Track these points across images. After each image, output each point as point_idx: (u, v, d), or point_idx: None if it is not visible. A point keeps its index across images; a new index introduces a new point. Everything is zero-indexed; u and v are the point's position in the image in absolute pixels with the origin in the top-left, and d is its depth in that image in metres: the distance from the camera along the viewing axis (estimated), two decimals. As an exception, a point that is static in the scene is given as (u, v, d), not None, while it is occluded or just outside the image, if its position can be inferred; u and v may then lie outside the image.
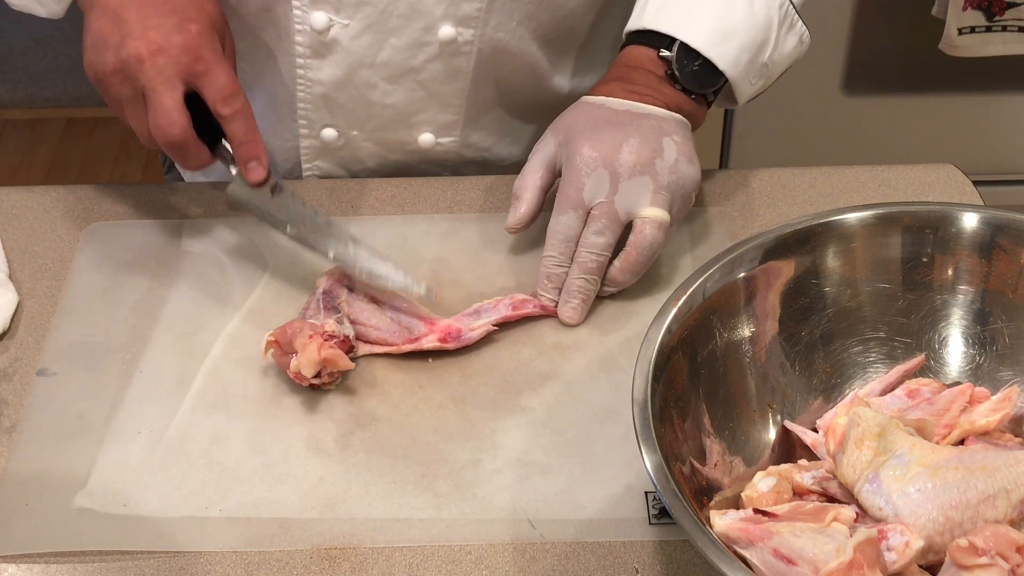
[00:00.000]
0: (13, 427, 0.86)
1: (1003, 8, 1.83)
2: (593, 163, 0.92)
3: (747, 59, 0.97)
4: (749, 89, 1.00)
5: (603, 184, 0.92)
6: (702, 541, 0.64)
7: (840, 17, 1.95)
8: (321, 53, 1.02)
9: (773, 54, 0.99)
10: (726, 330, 0.80)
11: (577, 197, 0.92)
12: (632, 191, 0.92)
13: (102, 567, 0.78)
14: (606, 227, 0.91)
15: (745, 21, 0.96)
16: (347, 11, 0.99)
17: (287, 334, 0.87)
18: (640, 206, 0.92)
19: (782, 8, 0.98)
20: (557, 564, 0.78)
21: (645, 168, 0.92)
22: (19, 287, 0.97)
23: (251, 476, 0.83)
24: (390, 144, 1.10)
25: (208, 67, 0.88)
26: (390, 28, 1.00)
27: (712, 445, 0.77)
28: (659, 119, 0.95)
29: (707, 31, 0.96)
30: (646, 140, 0.93)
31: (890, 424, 0.71)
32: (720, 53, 0.96)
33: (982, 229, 0.82)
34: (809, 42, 1.02)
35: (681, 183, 0.93)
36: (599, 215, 0.92)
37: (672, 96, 0.97)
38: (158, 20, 0.88)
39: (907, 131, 2.07)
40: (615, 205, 0.92)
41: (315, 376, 0.86)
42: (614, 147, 0.92)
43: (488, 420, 0.87)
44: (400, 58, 1.02)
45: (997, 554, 0.64)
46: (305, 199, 0.94)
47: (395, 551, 0.78)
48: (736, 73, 0.97)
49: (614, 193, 0.91)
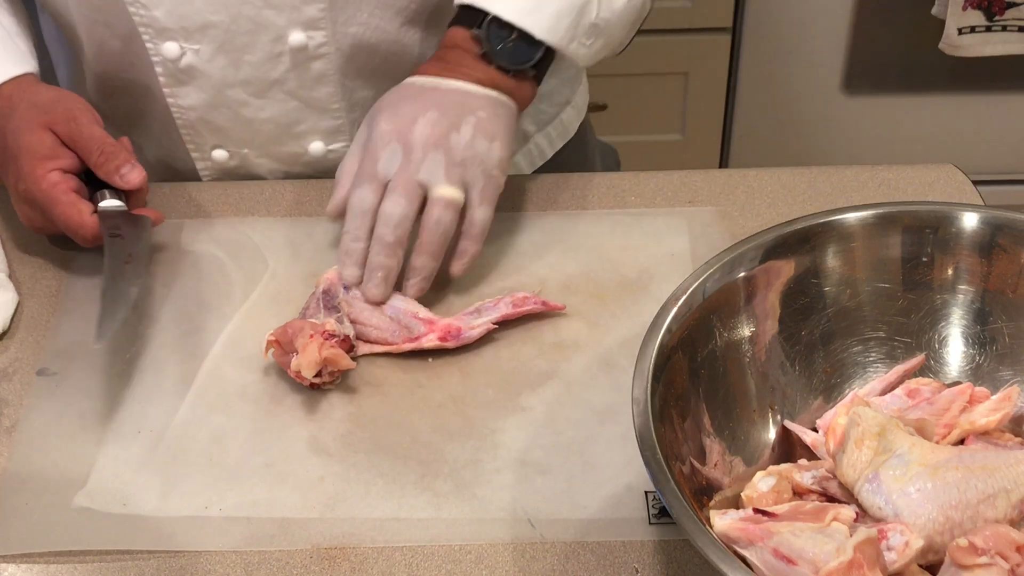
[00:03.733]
0: (13, 427, 0.86)
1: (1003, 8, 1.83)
2: (388, 136, 0.91)
3: (568, 23, 0.95)
4: (584, 51, 0.98)
5: (396, 157, 0.90)
6: (702, 541, 0.64)
7: (840, 17, 1.95)
8: (183, 80, 1.03)
9: (601, 12, 0.96)
10: (726, 330, 0.80)
11: (371, 170, 0.91)
12: (426, 166, 0.90)
13: (102, 567, 0.78)
14: (400, 198, 0.90)
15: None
16: (194, 36, 1.00)
17: (288, 334, 0.87)
18: (434, 183, 0.90)
19: None
20: (557, 564, 0.78)
21: (439, 142, 0.90)
22: (19, 287, 0.97)
23: (251, 476, 0.83)
24: (283, 157, 1.10)
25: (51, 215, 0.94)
26: (240, 46, 1.01)
27: (712, 445, 0.77)
28: (464, 94, 0.93)
29: (518, 2, 0.94)
30: (444, 115, 0.91)
31: (890, 424, 0.71)
32: (534, 21, 0.94)
33: (982, 229, 0.82)
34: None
35: (479, 160, 0.91)
36: (395, 186, 0.90)
37: (487, 74, 0.95)
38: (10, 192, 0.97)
39: (907, 131, 2.07)
40: (409, 176, 0.90)
41: (316, 376, 0.86)
42: (409, 120, 0.91)
43: (488, 420, 0.87)
44: (260, 73, 1.03)
45: (997, 554, 0.64)
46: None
47: (395, 551, 0.78)
48: (557, 39, 0.95)
49: (408, 165, 0.90)
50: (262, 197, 1.05)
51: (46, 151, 0.94)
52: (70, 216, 0.93)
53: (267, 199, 1.05)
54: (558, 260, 0.99)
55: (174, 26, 0.99)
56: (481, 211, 0.92)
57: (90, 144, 0.95)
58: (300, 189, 1.06)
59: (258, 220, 1.03)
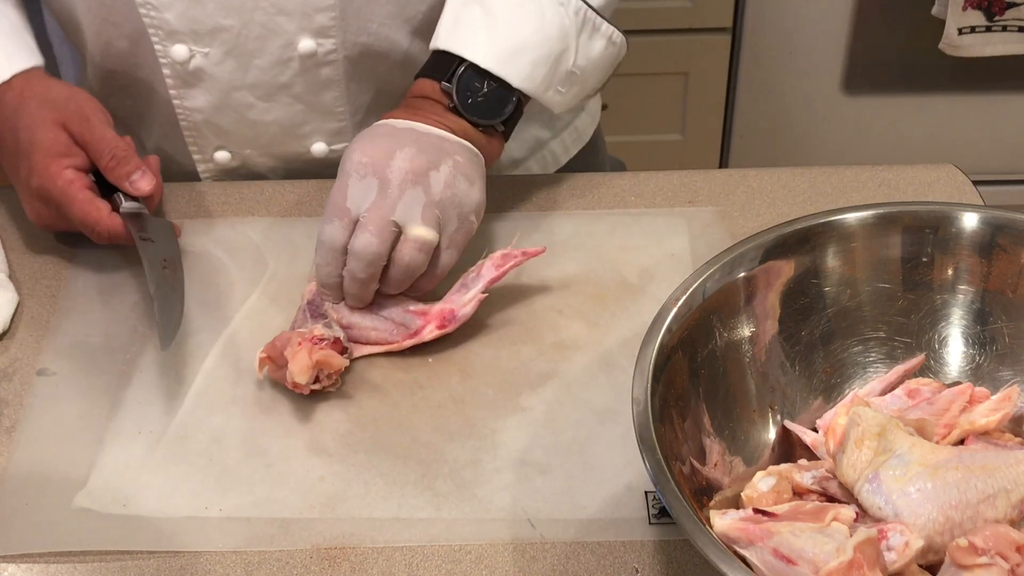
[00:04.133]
0: (13, 427, 0.86)
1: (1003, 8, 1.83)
2: (363, 168, 0.88)
3: (544, 72, 0.94)
4: (559, 98, 0.97)
5: (371, 191, 0.87)
6: (702, 541, 0.64)
7: (840, 17, 1.95)
8: (190, 83, 1.03)
9: (578, 60, 0.96)
10: (726, 330, 0.80)
11: (342, 204, 0.88)
12: (403, 203, 0.87)
13: (102, 567, 0.78)
14: (373, 237, 0.86)
15: (536, 34, 0.94)
16: (204, 40, 1.00)
17: (277, 347, 0.87)
18: (409, 220, 0.87)
19: (578, 15, 0.95)
20: (557, 564, 0.78)
21: (418, 179, 0.88)
22: (19, 287, 0.97)
23: (251, 476, 0.83)
24: (286, 157, 1.10)
25: (64, 211, 0.95)
26: (250, 51, 1.01)
27: (712, 445, 0.77)
28: (441, 138, 0.91)
29: (496, 49, 0.93)
30: (423, 151, 0.89)
31: (890, 424, 0.71)
32: (512, 70, 0.93)
33: (982, 229, 0.82)
34: (621, 40, 1.00)
35: (457, 201, 0.89)
36: (366, 223, 0.87)
37: (458, 124, 0.94)
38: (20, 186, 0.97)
39: (907, 131, 2.07)
40: (384, 214, 0.87)
41: (314, 381, 0.86)
42: (387, 153, 0.88)
43: (488, 420, 0.87)
44: (268, 77, 1.03)
45: (997, 554, 0.64)
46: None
47: (395, 551, 0.78)
48: (533, 87, 0.95)
49: (384, 201, 0.87)
50: (262, 197, 1.05)
51: (61, 148, 0.94)
52: (88, 213, 0.93)
53: (267, 199, 1.05)
54: (558, 260, 0.99)
55: (184, 29, 1.00)
56: (447, 255, 0.90)
57: (101, 147, 0.95)
58: (300, 189, 1.06)
59: (258, 220, 1.03)
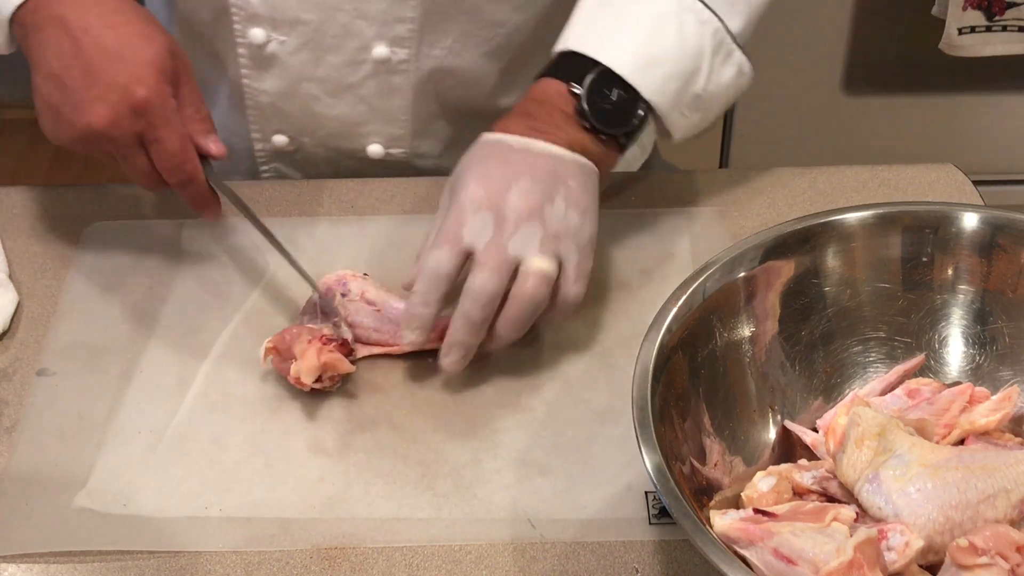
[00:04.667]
0: (13, 427, 0.86)
1: (1003, 8, 1.83)
2: (479, 202, 0.85)
3: (675, 88, 0.91)
4: (683, 121, 0.93)
5: (487, 227, 0.84)
6: (702, 541, 0.64)
7: (840, 17, 1.95)
8: (263, 66, 1.04)
9: (708, 85, 0.93)
10: (726, 330, 0.80)
11: (456, 234, 0.85)
12: (519, 238, 0.84)
13: (102, 567, 0.78)
14: (493, 273, 0.83)
15: (675, 48, 0.90)
16: (283, 28, 1.01)
17: (285, 340, 0.87)
18: (527, 255, 0.84)
19: (715, 36, 0.92)
20: (557, 564, 0.77)
21: (533, 214, 0.84)
22: (19, 287, 0.97)
23: (251, 476, 0.83)
24: (341, 151, 1.11)
25: (157, 134, 0.87)
26: (326, 46, 1.02)
27: (712, 445, 0.77)
28: (556, 160, 0.87)
29: (632, 55, 0.90)
30: (537, 182, 0.85)
31: (890, 424, 0.71)
32: (646, 80, 0.90)
33: (982, 229, 0.82)
34: (751, 74, 0.97)
35: (572, 233, 0.86)
36: (485, 260, 0.84)
37: (577, 136, 0.89)
38: (100, 87, 0.85)
39: (907, 131, 2.07)
40: (501, 249, 0.84)
41: (316, 381, 0.86)
42: (503, 187, 0.85)
43: (488, 420, 0.87)
44: (338, 74, 1.04)
45: (997, 554, 0.64)
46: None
47: (395, 551, 0.78)
48: (663, 102, 0.91)
49: (500, 236, 0.84)
50: (262, 197, 1.05)
51: (169, 73, 0.88)
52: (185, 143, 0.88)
53: (267, 199, 1.05)
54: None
55: (265, 14, 1.01)
56: (576, 287, 0.87)
57: (191, 94, 0.90)
58: (301, 189, 1.07)
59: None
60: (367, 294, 0.92)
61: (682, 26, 0.91)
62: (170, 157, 0.88)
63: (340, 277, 0.93)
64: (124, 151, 0.88)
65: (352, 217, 1.03)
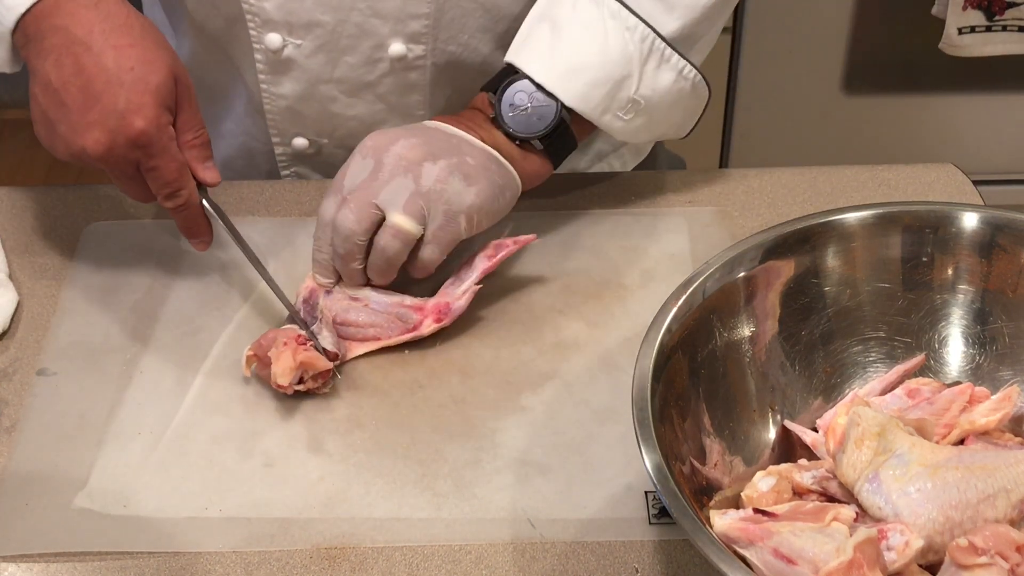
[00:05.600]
0: (13, 427, 0.86)
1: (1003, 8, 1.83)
2: (365, 150, 0.90)
3: (602, 94, 0.94)
4: (620, 124, 0.96)
5: (364, 171, 0.89)
6: (702, 541, 0.64)
7: (840, 17, 1.95)
8: (279, 70, 1.04)
9: (641, 89, 0.95)
10: (726, 330, 0.80)
11: (339, 182, 0.90)
12: (389, 189, 0.88)
13: (102, 567, 0.78)
14: (350, 214, 0.88)
15: (597, 56, 0.93)
16: (299, 32, 1.02)
17: (263, 346, 0.87)
18: (391, 207, 0.88)
19: (644, 42, 0.94)
20: (557, 564, 0.78)
21: (410, 167, 0.88)
22: (19, 287, 0.97)
23: (251, 476, 0.83)
24: None
25: (153, 163, 0.87)
26: (342, 47, 1.02)
27: (712, 445, 0.77)
28: (462, 140, 0.92)
29: (554, 65, 0.94)
30: (427, 143, 0.90)
31: (890, 424, 0.71)
32: (565, 87, 0.94)
33: (982, 229, 0.82)
34: (696, 78, 0.99)
35: (446, 198, 0.89)
36: (349, 199, 0.89)
37: (493, 136, 0.95)
38: (98, 112, 0.84)
39: (907, 131, 2.07)
40: (367, 195, 0.88)
41: (299, 383, 0.86)
42: (391, 139, 0.90)
43: (488, 420, 0.87)
44: (355, 75, 1.04)
45: (997, 554, 0.64)
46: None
47: (395, 551, 0.78)
48: (588, 107, 0.94)
49: (372, 183, 0.88)
50: (262, 197, 1.05)
51: (169, 100, 0.87)
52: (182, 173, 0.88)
53: (267, 199, 1.05)
54: (558, 260, 0.99)
55: (280, 19, 1.01)
56: (428, 249, 0.90)
57: (191, 119, 0.89)
58: (300, 189, 1.07)
59: (258, 220, 1.03)
60: (350, 291, 0.92)
61: (606, 33, 0.94)
62: (166, 185, 0.88)
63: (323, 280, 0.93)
64: (118, 175, 0.88)
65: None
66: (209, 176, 0.91)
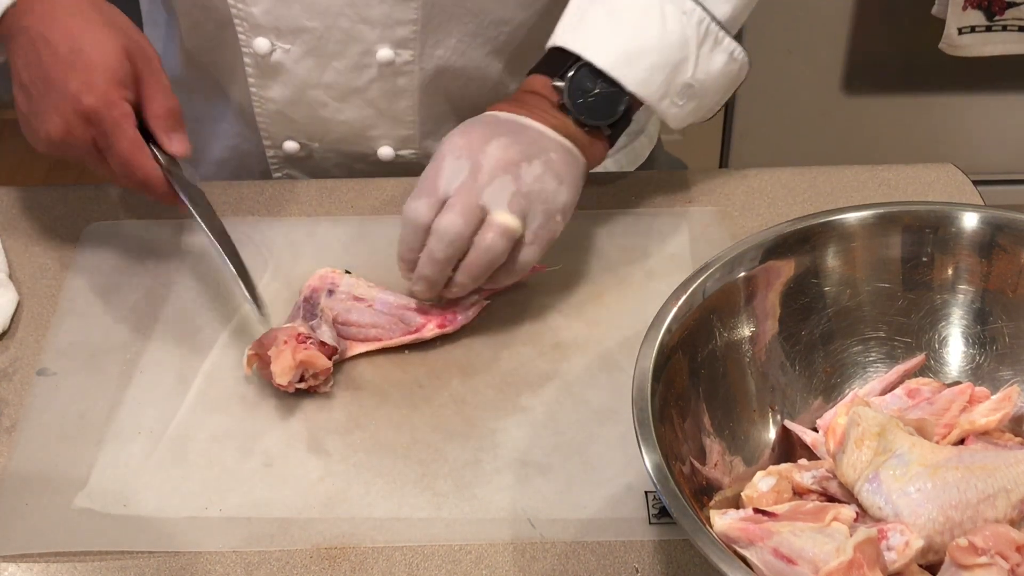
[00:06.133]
0: (13, 427, 0.86)
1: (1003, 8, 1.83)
2: (458, 150, 0.88)
3: (661, 78, 0.93)
4: (675, 110, 0.96)
5: (461, 173, 0.87)
6: (702, 541, 0.64)
7: (840, 17, 1.95)
8: (268, 75, 1.05)
9: (697, 73, 0.94)
10: (726, 330, 0.80)
11: (433, 183, 0.87)
12: (492, 188, 0.86)
13: (102, 567, 0.78)
14: (458, 216, 0.85)
15: (658, 39, 0.92)
16: (287, 37, 1.02)
17: (264, 344, 0.87)
18: (495, 206, 0.86)
19: (701, 25, 0.94)
20: (557, 564, 0.78)
21: (509, 167, 0.87)
22: (19, 287, 0.97)
23: (251, 476, 0.83)
24: (352, 155, 1.11)
25: (107, 141, 0.87)
26: (330, 52, 1.03)
27: (712, 445, 0.77)
28: (540, 133, 0.91)
29: (614, 49, 0.92)
30: (518, 142, 0.88)
31: (890, 424, 0.71)
32: (628, 73, 0.92)
33: (982, 229, 0.82)
34: (744, 59, 0.98)
35: (544, 196, 0.88)
36: (454, 203, 0.86)
37: (563, 122, 0.92)
38: (54, 98, 0.87)
39: (907, 131, 2.07)
40: (472, 196, 0.86)
41: (299, 381, 0.86)
42: (484, 139, 0.88)
43: (488, 420, 0.87)
44: (344, 80, 1.05)
45: (997, 554, 0.64)
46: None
47: (395, 551, 0.78)
48: (649, 93, 0.93)
49: (474, 184, 0.86)
50: (262, 197, 1.05)
51: (123, 77, 0.88)
52: (134, 154, 0.88)
53: (267, 199, 1.05)
54: (559, 260, 0.99)
55: (268, 25, 1.01)
56: (529, 251, 0.89)
57: (156, 92, 0.90)
58: (300, 189, 1.07)
59: (258, 220, 1.03)
60: (355, 291, 0.92)
61: (664, 17, 0.93)
62: (121, 164, 0.88)
63: (324, 276, 0.93)
64: (85, 157, 0.90)
65: (352, 217, 1.03)
66: (176, 147, 0.90)
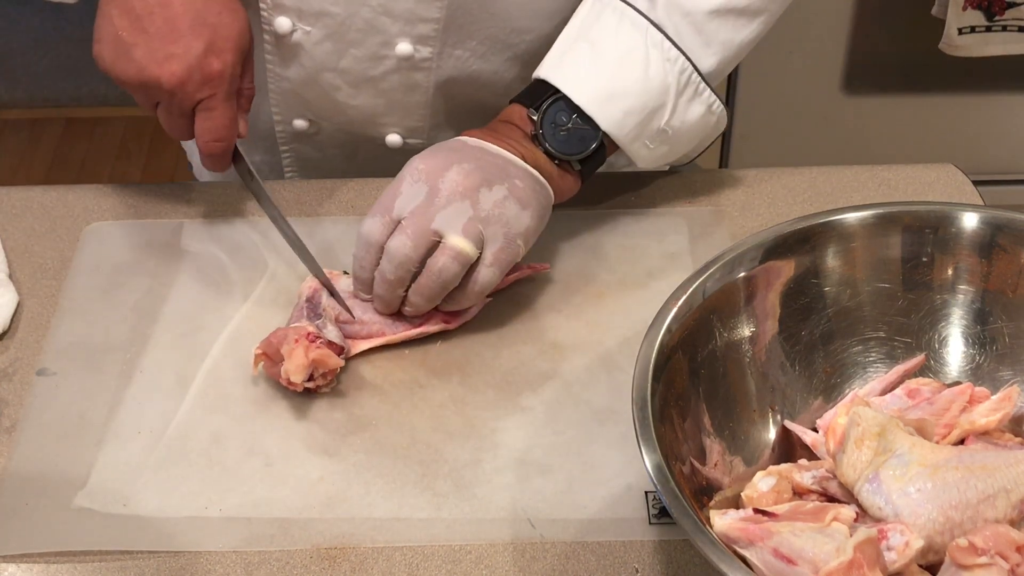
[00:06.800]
0: (13, 427, 0.86)
1: (1003, 8, 1.83)
2: (418, 174, 0.89)
3: (636, 122, 0.94)
4: (645, 152, 0.97)
5: (418, 197, 0.88)
6: (702, 541, 0.64)
7: (840, 17, 1.95)
8: (286, 54, 1.05)
9: (671, 120, 0.95)
10: (726, 330, 0.80)
11: (388, 203, 0.88)
12: (446, 214, 0.87)
13: (102, 567, 0.78)
14: (407, 240, 0.87)
15: (638, 83, 0.93)
16: (308, 19, 1.02)
17: (273, 344, 0.87)
18: (449, 230, 0.87)
19: (683, 75, 0.95)
20: (557, 564, 0.78)
21: (468, 192, 0.87)
22: (19, 287, 0.97)
23: (251, 476, 0.83)
24: (359, 138, 1.12)
25: (213, 105, 0.91)
26: (349, 40, 1.03)
27: (712, 445, 0.77)
28: (508, 161, 0.91)
29: (593, 88, 0.93)
30: (480, 169, 0.89)
31: (890, 424, 0.71)
32: (604, 112, 0.93)
33: (982, 229, 0.82)
34: (721, 112, 0.98)
35: (505, 220, 0.88)
36: (405, 225, 0.87)
37: (532, 153, 0.93)
38: (182, 46, 0.89)
39: (907, 131, 2.07)
40: (424, 221, 0.87)
41: (308, 380, 0.86)
42: (444, 165, 0.89)
43: (488, 420, 0.87)
44: (360, 67, 1.05)
45: (997, 554, 0.64)
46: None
47: (395, 551, 0.78)
48: (622, 134, 0.94)
49: (428, 208, 0.87)
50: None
51: (246, 50, 0.93)
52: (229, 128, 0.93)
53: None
54: (558, 260, 0.99)
55: (292, 5, 1.02)
56: (488, 271, 0.89)
57: (248, 72, 0.95)
58: (300, 189, 1.07)
59: (258, 220, 1.03)
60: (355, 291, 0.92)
61: (648, 62, 0.94)
62: (214, 130, 0.93)
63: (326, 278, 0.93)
64: (175, 109, 0.92)
65: (352, 217, 1.03)
66: (240, 127, 0.95)
